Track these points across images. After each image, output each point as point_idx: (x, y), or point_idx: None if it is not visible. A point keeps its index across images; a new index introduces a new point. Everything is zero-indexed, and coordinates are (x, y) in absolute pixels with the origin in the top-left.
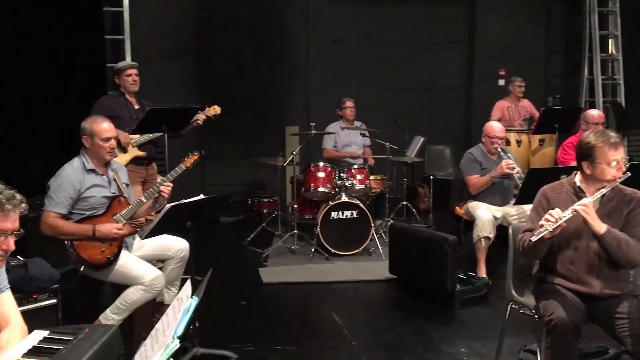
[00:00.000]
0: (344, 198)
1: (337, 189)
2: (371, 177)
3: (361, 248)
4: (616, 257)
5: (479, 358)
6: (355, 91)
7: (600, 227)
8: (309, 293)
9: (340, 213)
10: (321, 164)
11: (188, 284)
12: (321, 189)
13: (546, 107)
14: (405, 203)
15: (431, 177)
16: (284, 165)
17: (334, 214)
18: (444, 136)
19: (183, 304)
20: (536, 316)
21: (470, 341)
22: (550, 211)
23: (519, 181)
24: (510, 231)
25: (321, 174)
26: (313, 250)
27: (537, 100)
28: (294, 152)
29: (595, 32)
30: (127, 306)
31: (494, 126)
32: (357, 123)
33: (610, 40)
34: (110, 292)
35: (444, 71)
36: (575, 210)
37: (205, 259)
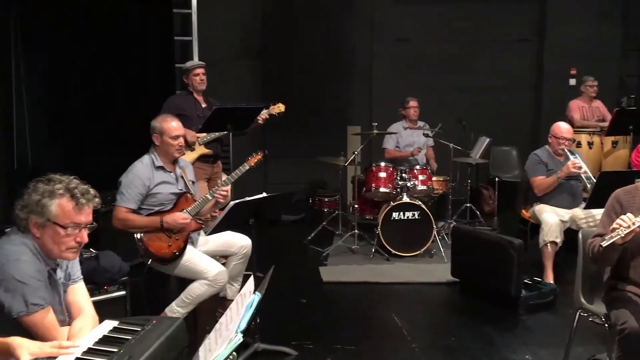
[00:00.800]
0: (406, 199)
1: (398, 190)
2: (434, 178)
3: (422, 250)
4: None
5: None
6: (418, 91)
7: None
8: (368, 293)
9: (402, 214)
10: (383, 164)
11: (251, 280)
12: (382, 189)
13: (620, 107)
14: (468, 205)
15: (496, 179)
16: (346, 164)
17: (395, 215)
18: (510, 137)
19: (246, 299)
20: (606, 325)
21: (536, 348)
22: (622, 216)
23: (587, 182)
24: (580, 236)
25: (383, 174)
26: (373, 250)
27: (610, 100)
28: (355, 152)
29: None
30: (192, 300)
31: (561, 126)
32: (420, 123)
33: None
34: (176, 286)
35: (511, 70)
36: None
37: (266, 256)
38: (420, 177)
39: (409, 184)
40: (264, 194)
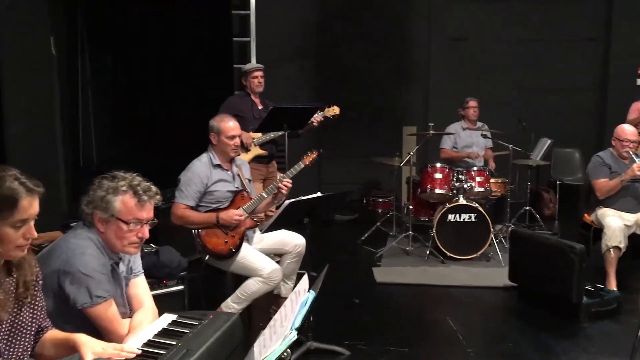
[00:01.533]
0: (462, 200)
1: (454, 191)
2: (492, 180)
3: (479, 253)
4: None
5: None
6: (477, 91)
7: None
8: (423, 295)
9: (458, 216)
10: (439, 164)
11: (305, 278)
12: (438, 190)
13: None
14: (528, 208)
15: (558, 182)
16: (401, 165)
17: (450, 217)
18: (573, 139)
19: (300, 297)
20: None
21: (597, 357)
22: None
23: None
24: None
25: (438, 175)
26: (428, 252)
27: None
28: (411, 152)
29: None
30: (247, 296)
31: (625, 129)
32: (479, 124)
33: None
34: (232, 283)
35: (574, 69)
36: None
37: (320, 255)
38: (478, 179)
39: (465, 186)
40: (318, 194)
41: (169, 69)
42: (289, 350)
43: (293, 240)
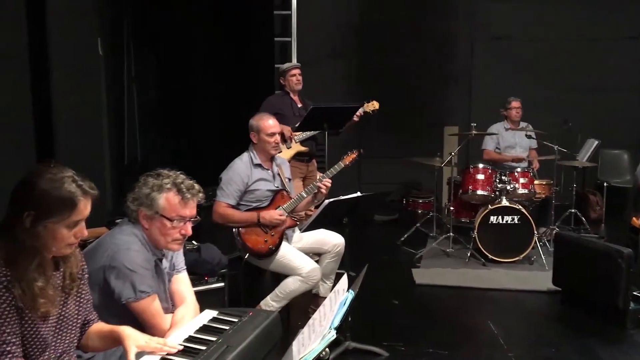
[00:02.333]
0: (505, 202)
1: (497, 193)
2: (536, 182)
3: (522, 256)
4: None
5: None
6: (520, 90)
7: None
8: (463, 298)
9: (500, 218)
10: (481, 165)
11: (345, 277)
12: (480, 191)
13: None
14: (573, 211)
15: (605, 184)
16: (442, 165)
17: (493, 219)
18: (621, 140)
19: (340, 296)
20: None
21: None
22: None
23: None
24: None
25: (480, 176)
26: (469, 254)
27: None
28: (452, 153)
29: None
30: (285, 295)
31: None
32: (522, 124)
33: None
34: (271, 281)
35: (623, 69)
36: None
37: (359, 255)
38: (522, 180)
39: (508, 187)
40: (358, 194)
41: (211, 69)
42: (327, 349)
43: (332, 240)
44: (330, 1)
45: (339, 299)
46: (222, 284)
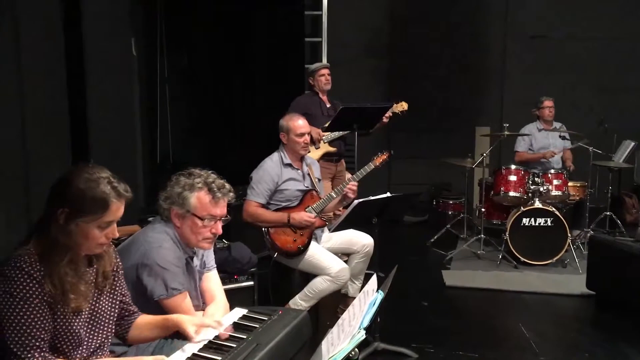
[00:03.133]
0: (538, 204)
1: (530, 194)
2: (570, 183)
3: (555, 259)
4: None
5: None
6: (554, 90)
7: None
8: (494, 301)
9: (533, 220)
10: (513, 167)
11: (374, 278)
12: (512, 193)
13: None
14: (608, 213)
15: None
16: (473, 166)
17: (525, 221)
18: None
19: (369, 297)
20: None
21: None
22: None
23: None
24: None
25: (513, 178)
26: (500, 256)
27: None
28: (484, 154)
29: None
30: (314, 295)
31: None
32: (556, 124)
33: None
34: (300, 280)
35: None
36: None
37: (388, 256)
38: (555, 182)
39: (542, 189)
40: (388, 194)
41: (243, 68)
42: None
43: (361, 240)
44: (360, 1)
45: (368, 300)
46: (251, 282)
